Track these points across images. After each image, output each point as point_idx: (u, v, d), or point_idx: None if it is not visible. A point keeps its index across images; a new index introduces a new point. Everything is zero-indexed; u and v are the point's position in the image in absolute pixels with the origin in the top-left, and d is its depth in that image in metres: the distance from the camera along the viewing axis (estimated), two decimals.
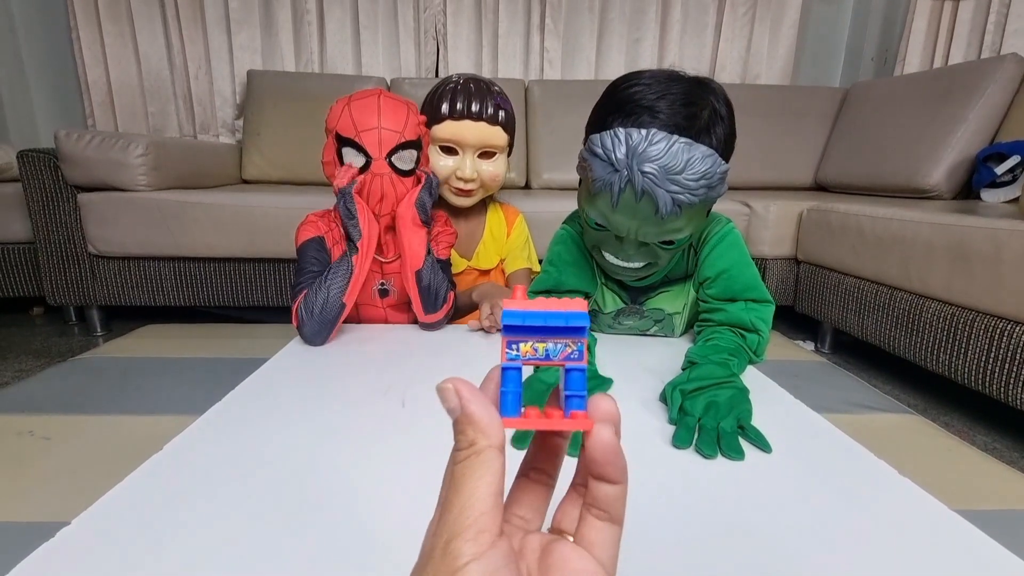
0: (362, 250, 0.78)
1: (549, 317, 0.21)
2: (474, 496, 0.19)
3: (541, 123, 2.04)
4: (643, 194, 0.54)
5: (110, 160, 1.42)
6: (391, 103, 0.80)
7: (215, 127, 2.25)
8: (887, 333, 1.26)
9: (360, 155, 0.79)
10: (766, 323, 0.64)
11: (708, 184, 0.55)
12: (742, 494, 0.41)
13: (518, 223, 1.13)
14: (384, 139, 0.78)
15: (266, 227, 1.49)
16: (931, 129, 1.66)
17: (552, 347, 0.22)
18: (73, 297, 1.56)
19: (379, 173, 0.79)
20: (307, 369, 0.67)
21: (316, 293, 0.76)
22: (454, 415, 0.21)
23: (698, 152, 0.53)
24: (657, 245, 0.62)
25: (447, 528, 0.18)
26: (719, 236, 0.68)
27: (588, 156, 0.59)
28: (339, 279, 0.77)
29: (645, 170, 0.53)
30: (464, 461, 0.20)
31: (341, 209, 0.78)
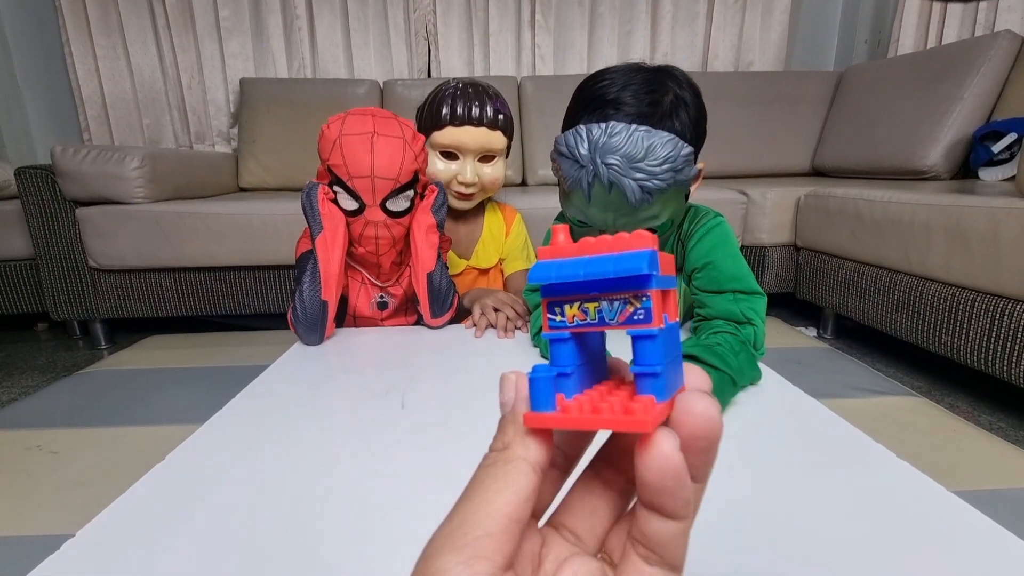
0: (325, 244, 0.76)
1: (592, 265, 0.15)
2: (485, 509, 0.15)
3: (535, 119, 2.04)
4: (611, 186, 0.55)
5: (106, 174, 1.43)
6: (385, 145, 0.74)
7: (210, 136, 2.25)
8: (888, 316, 1.26)
9: (353, 200, 0.77)
10: (758, 314, 0.63)
11: (673, 168, 0.55)
12: (736, 483, 0.41)
13: (516, 223, 1.13)
14: (378, 187, 0.75)
15: (264, 234, 1.50)
16: (927, 110, 1.65)
17: (607, 306, 0.16)
18: (76, 311, 1.57)
19: (373, 221, 0.77)
20: (306, 374, 0.67)
21: (299, 299, 0.77)
22: (504, 409, 0.18)
23: (658, 138, 0.54)
24: None
25: (442, 537, 0.15)
26: (705, 228, 0.68)
27: (556, 157, 0.60)
28: (311, 279, 0.77)
29: (608, 162, 0.54)
30: (490, 465, 0.16)
31: (304, 204, 0.77)
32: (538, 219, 1.26)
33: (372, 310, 0.88)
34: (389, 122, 0.76)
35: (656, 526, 0.15)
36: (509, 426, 0.17)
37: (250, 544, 0.36)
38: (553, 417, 0.16)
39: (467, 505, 0.16)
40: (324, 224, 0.77)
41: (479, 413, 0.53)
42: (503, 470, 0.16)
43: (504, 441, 0.17)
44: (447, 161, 0.96)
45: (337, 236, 0.77)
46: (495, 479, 0.16)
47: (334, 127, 0.75)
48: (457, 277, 1.04)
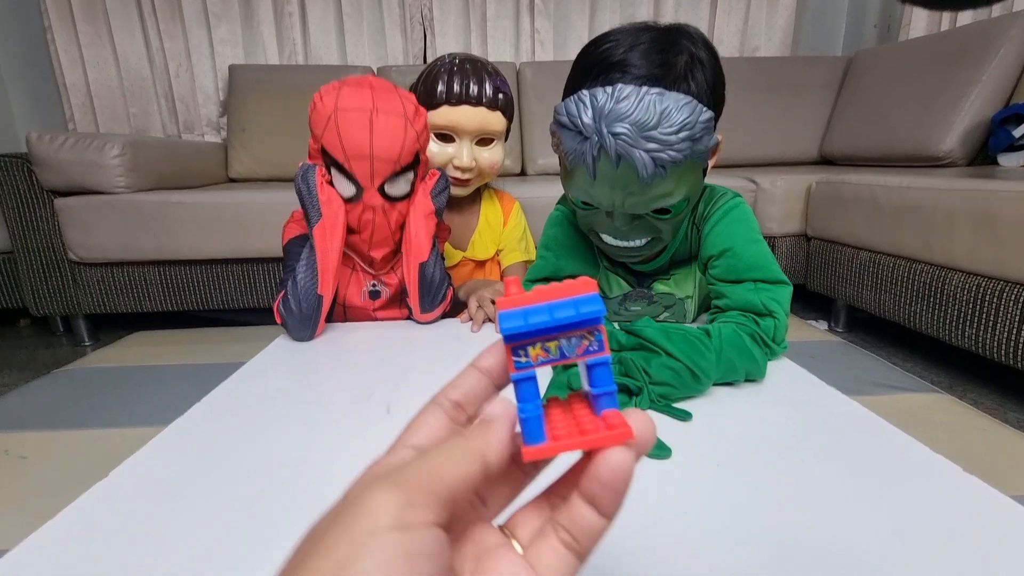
0: (324, 233, 0.70)
1: (555, 310, 0.18)
2: (446, 467, 0.16)
3: (535, 106, 1.97)
4: (619, 159, 0.48)
5: (85, 162, 1.36)
6: (386, 123, 0.67)
7: (200, 126, 2.18)
8: (906, 308, 1.20)
9: (350, 184, 0.70)
10: (781, 305, 0.57)
11: (691, 136, 0.48)
12: (765, 488, 0.36)
13: (515, 212, 1.06)
14: (377, 169, 0.68)
15: (253, 226, 1.43)
16: (942, 94, 1.58)
17: (566, 343, 0.18)
18: (56, 306, 1.50)
19: (371, 205, 0.71)
20: (283, 372, 0.61)
21: (291, 290, 0.71)
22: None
23: (672, 101, 0.47)
24: (652, 216, 0.55)
25: (385, 470, 0.16)
26: (723, 211, 0.61)
27: (556, 128, 0.53)
28: (306, 270, 0.71)
29: (616, 131, 0.47)
30: (468, 436, 0.17)
31: (299, 187, 0.70)
32: (538, 209, 1.20)
33: (364, 299, 0.82)
34: (389, 96, 0.68)
35: (588, 519, 0.17)
36: (492, 429, 0.18)
37: (210, 559, 0.30)
38: (550, 447, 0.18)
39: (430, 456, 0.17)
40: (324, 211, 0.69)
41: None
42: (470, 447, 0.17)
43: (478, 433, 0.18)
44: (442, 144, 0.89)
45: (337, 224, 0.70)
46: (465, 452, 0.17)
47: (328, 100, 0.67)
48: (452, 269, 0.98)
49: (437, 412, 0.20)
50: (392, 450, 0.20)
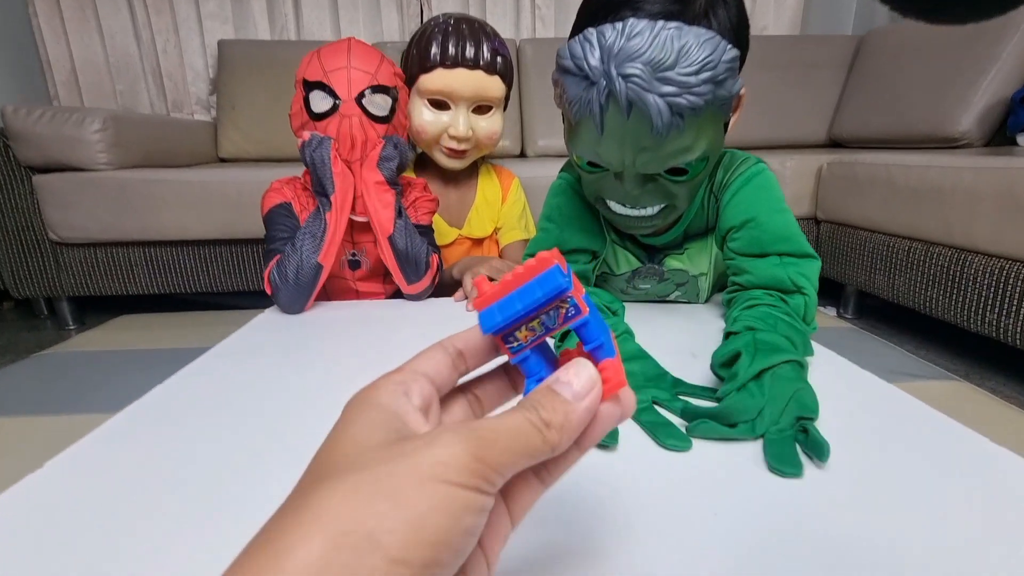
0: (336, 205, 0.69)
1: (523, 297, 0.19)
2: (521, 454, 0.17)
3: (535, 85, 1.90)
4: (630, 106, 0.42)
5: (64, 136, 1.30)
6: (363, 47, 0.72)
7: (189, 104, 2.11)
8: (922, 293, 1.15)
9: (328, 97, 0.70)
10: (810, 281, 0.52)
11: (713, 78, 0.41)
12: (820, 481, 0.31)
13: (514, 188, 1.01)
14: (354, 79, 0.70)
15: (242, 206, 1.37)
16: (959, 72, 1.52)
17: (546, 318, 0.19)
18: (37, 288, 1.44)
19: (348, 115, 0.70)
20: (260, 353, 0.56)
21: (289, 257, 0.68)
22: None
23: (692, 37, 0.40)
24: (666, 178, 0.48)
25: (470, 428, 0.16)
26: (744, 178, 0.55)
27: (559, 75, 0.46)
28: (311, 239, 0.69)
29: (627, 72, 0.40)
30: (548, 428, 0.17)
31: (313, 157, 0.69)
32: (539, 189, 1.13)
33: (343, 268, 0.77)
34: (367, 46, 0.73)
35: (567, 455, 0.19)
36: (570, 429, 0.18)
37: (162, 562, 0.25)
38: None
39: (502, 431, 0.17)
40: (336, 183, 0.69)
41: None
42: (542, 441, 0.17)
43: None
44: (436, 111, 0.83)
45: (348, 198, 0.70)
46: (531, 443, 0.17)
47: (310, 53, 0.72)
48: (448, 248, 0.93)
49: (442, 353, 0.21)
50: (401, 370, 0.20)
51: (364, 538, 0.14)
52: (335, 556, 0.13)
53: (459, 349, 0.21)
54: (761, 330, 0.45)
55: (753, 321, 0.47)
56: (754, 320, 0.47)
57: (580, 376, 0.18)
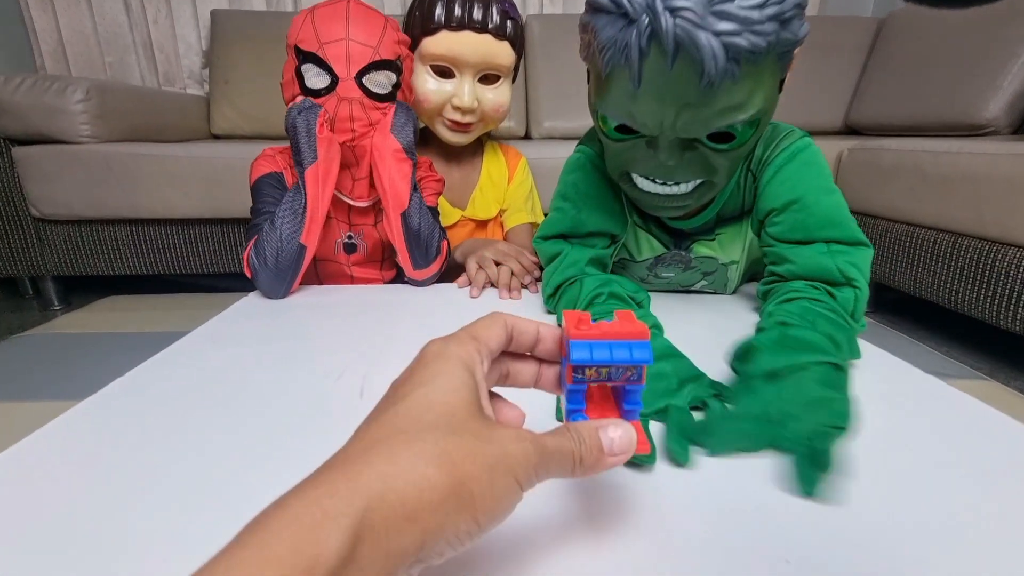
0: (318, 176, 0.62)
1: (615, 350, 0.22)
2: (555, 467, 0.20)
3: (542, 64, 1.82)
4: (677, 49, 0.35)
5: (45, 106, 1.23)
6: (363, 11, 0.64)
7: (181, 78, 2.03)
8: (947, 287, 1.09)
9: (324, 73, 0.63)
10: (862, 272, 0.46)
11: (779, 14, 0.35)
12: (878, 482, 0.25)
13: (521, 167, 0.94)
14: (353, 54, 0.62)
15: (234, 184, 1.30)
16: (987, 56, 1.45)
17: (615, 371, 0.22)
18: (19, 267, 1.38)
19: (347, 97, 0.63)
20: (241, 339, 0.50)
21: (267, 236, 0.61)
22: None
23: None
24: (708, 146, 0.42)
25: (534, 439, 0.20)
26: (789, 153, 0.49)
27: (590, 16, 0.39)
28: (290, 216, 0.62)
29: (675, 5, 0.33)
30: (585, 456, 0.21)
31: (296, 122, 0.61)
32: (544, 171, 1.07)
33: (337, 252, 0.71)
34: (367, 7, 0.65)
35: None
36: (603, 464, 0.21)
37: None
38: None
39: (550, 446, 0.20)
40: (320, 152, 0.62)
41: None
42: (500, 327, 0.24)
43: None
44: (440, 80, 0.76)
45: (332, 170, 0.63)
46: (495, 329, 0.23)
47: (303, 12, 0.64)
48: (450, 230, 0.86)
49: (503, 330, 0.24)
50: (475, 336, 0.23)
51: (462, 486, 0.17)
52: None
53: (513, 329, 0.24)
54: (795, 325, 0.39)
55: (787, 316, 0.41)
56: (789, 315, 0.41)
57: (623, 439, 0.21)
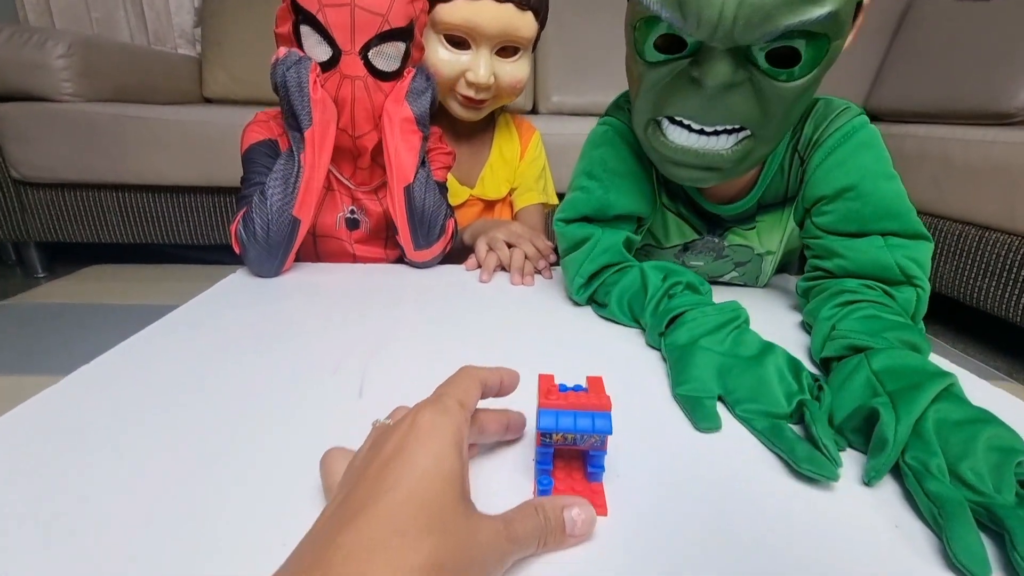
0: (314, 142, 0.56)
1: (578, 419, 0.24)
2: (525, 540, 0.21)
3: (551, 34, 1.72)
4: None
5: (24, 61, 1.15)
6: None
7: (172, 37, 1.93)
8: (971, 283, 1.05)
9: (325, 44, 0.55)
10: (923, 269, 0.41)
11: None
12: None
13: (534, 143, 0.88)
14: (359, 23, 0.54)
15: (226, 151, 1.23)
16: (1019, 40, 1.38)
17: (579, 438, 0.24)
18: (1, 231, 1.32)
19: (350, 75, 0.56)
20: (230, 320, 0.45)
21: (257, 208, 0.56)
22: None
23: None
24: (765, 70, 0.36)
25: (504, 521, 0.21)
26: (844, 133, 0.44)
27: None
28: (281, 186, 0.56)
29: None
30: (552, 537, 0.22)
31: (287, 79, 0.55)
32: (553, 148, 1.01)
33: (339, 227, 0.66)
34: None
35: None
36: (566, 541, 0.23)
37: None
38: None
39: (519, 523, 0.21)
40: (315, 115, 0.55)
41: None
42: (477, 387, 0.25)
43: None
44: (455, 51, 0.70)
45: (328, 135, 0.56)
46: (474, 391, 0.25)
47: None
48: (458, 210, 0.81)
49: (479, 389, 0.25)
50: (463, 404, 0.23)
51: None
52: None
53: (484, 383, 0.25)
54: (877, 350, 0.33)
55: (860, 337, 0.35)
56: (860, 334, 0.36)
57: (584, 521, 0.22)
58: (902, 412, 0.28)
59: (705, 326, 0.39)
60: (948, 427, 0.27)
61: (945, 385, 0.29)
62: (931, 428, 0.27)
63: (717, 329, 0.38)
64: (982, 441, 0.26)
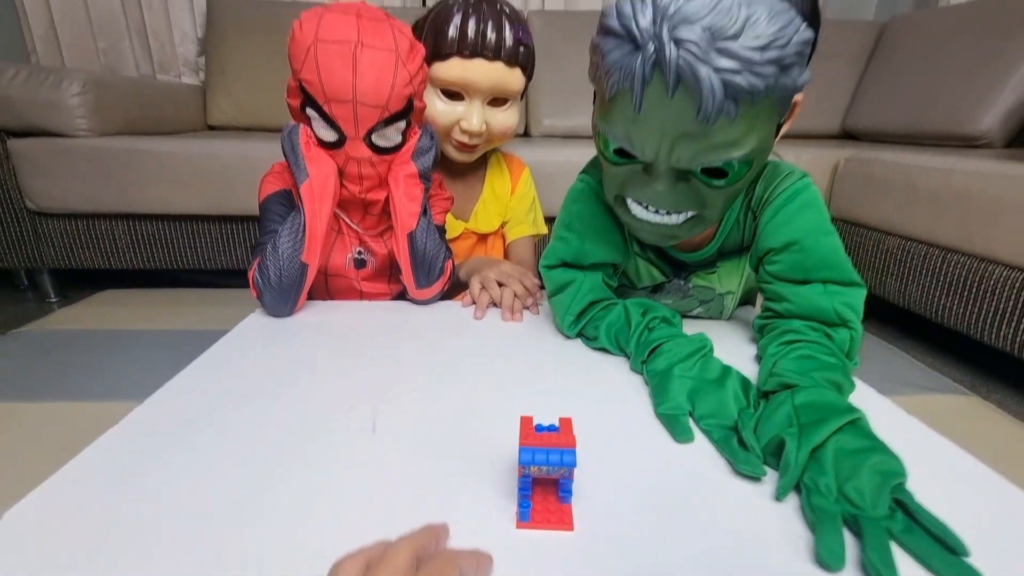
0: (312, 195, 0.62)
1: (550, 455, 0.30)
2: None
3: (543, 60, 1.78)
4: (679, 80, 0.36)
5: (41, 100, 1.21)
6: (372, 59, 0.58)
7: (176, 66, 2.00)
8: (936, 300, 1.12)
9: (331, 129, 0.61)
10: (856, 313, 0.48)
11: (780, 58, 0.36)
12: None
13: (524, 179, 0.95)
14: (362, 116, 0.60)
15: (232, 180, 1.30)
16: (985, 67, 1.46)
17: (550, 469, 0.31)
18: (15, 259, 1.38)
19: (357, 157, 0.62)
20: (256, 363, 0.52)
21: (269, 257, 0.62)
22: None
23: (764, 7, 0.35)
24: (701, 179, 0.43)
25: None
26: (788, 195, 0.51)
27: (600, 38, 0.41)
28: (290, 236, 0.62)
29: (681, 37, 0.35)
30: None
31: (283, 145, 0.62)
32: (543, 175, 1.08)
33: (348, 267, 0.72)
34: (379, 27, 0.59)
35: None
36: None
37: None
38: (532, 523, 0.32)
39: None
40: (311, 170, 0.61)
41: (478, 438, 0.38)
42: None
43: None
44: (450, 102, 0.77)
45: (328, 186, 0.62)
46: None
47: (308, 27, 0.58)
48: (453, 242, 0.87)
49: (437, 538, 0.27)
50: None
51: None
52: None
53: (438, 538, 0.27)
54: (802, 388, 0.40)
55: (791, 374, 0.42)
56: (792, 372, 0.42)
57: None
58: (804, 441, 0.34)
59: (678, 355, 0.46)
60: (844, 454, 0.34)
61: (849, 420, 0.36)
62: (829, 455, 0.34)
63: (688, 357, 0.46)
64: (868, 466, 0.32)
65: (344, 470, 0.35)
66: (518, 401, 0.34)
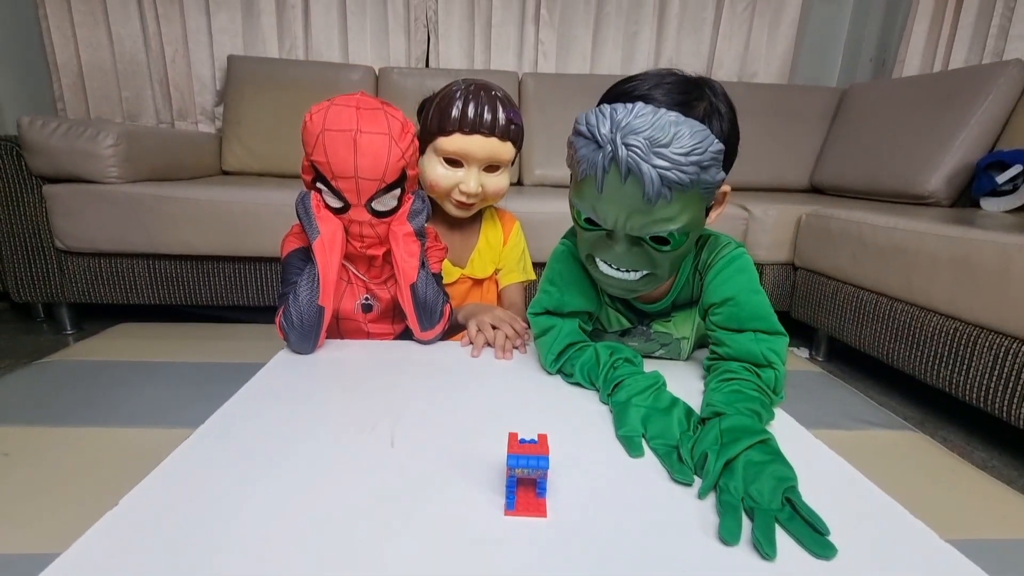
0: (323, 249, 0.73)
1: (530, 460, 0.40)
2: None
3: (535, 117, 1.98)
4: (628, 172, 0.50)
5: (78, 150, 1.34)
6: (369, 142, 0.69)
7: (194, 114, 2.15)
8: (886, 345, 1.24)
9: (338, 198, 0.74)
10: (779, 356, 0.59)
11: (699, 162, 0.49)
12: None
13: (515, 232, 1.08)
14: (363, 188, 0.72)
15: (246, 224, 1.42)
16: (930, 134, 1.63)
17: (530, 470, 0.40)
18: (39, 294, 1.47)
19: (358, 220, 0.75)
20: (288, 397, 0.62)
21: (291, 304, 0.73)
22: None
23: (687, 126, 0.49)
24: (651, 245, 0.56)
25: None
26: (726, 260, 0.63)
27: (574, 137, 0.55)
28: (308, 285, 0.74)
29: (629, 143, 0.49)
30: None
31: (297, 210, 0.74)
32: (535, 223, 1.22)
33: (356, 311, 0.83)
34: (375, 115, 0.71)
35: None
36: None
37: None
38: (516, 512, 0.41)
39: None
40: (321, 228, 0.73)
41: (475, 449, 0.49)
42: None
43: None
44: (451, 168, 0.90)
45: (336, 240, 0.74)
46: None
47: (316, 119, 0.70)
48: (451, 287, 0.99)
49: None
50: None
51: None
52: None
53: None
54: (728, 415, 0.51)
55: (721, 405, 0.54)
56: (722, 403, 0.54)
57: None
58: (720, 455, 0.45)
59: (636, 388, 0.58)
60: (751, 465, 0.45)
61: (759, 440, 0.47)
62: (740, 465, 0.45)
63: (644, 390, 0.57)
64: (767, 473, 0.43)
65: (370, 474, 0.45)
66: (507, 421, 0.45)
